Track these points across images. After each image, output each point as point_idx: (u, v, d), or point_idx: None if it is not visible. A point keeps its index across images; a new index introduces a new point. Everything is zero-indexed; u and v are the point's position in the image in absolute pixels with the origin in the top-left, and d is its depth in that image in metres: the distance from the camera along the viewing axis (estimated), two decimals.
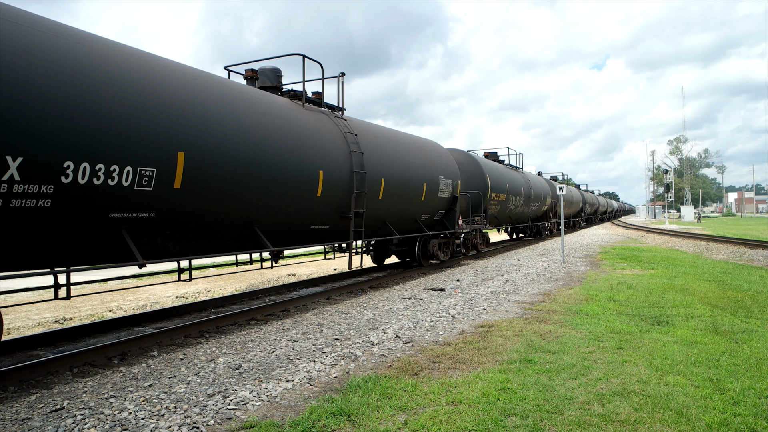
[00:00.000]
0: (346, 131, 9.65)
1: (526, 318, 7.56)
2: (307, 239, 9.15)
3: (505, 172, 20.52)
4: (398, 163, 11.25)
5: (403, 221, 12.07)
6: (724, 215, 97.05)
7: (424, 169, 12.41)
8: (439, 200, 13.25)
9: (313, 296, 9.72)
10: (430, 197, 12.67)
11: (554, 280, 11.69)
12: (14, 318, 9.04)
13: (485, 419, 3.96)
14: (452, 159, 14.70)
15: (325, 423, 3.96)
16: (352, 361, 5.66)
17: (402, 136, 12.44)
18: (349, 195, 9.39)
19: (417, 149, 12.61)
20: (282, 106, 8.36)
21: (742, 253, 17.17)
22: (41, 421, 4.12)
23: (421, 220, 12.80)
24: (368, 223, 10.26)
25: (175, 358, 5.94)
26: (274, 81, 9.39)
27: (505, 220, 21.56)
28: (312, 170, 8.38)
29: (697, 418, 3.92)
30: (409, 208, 12.00)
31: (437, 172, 13.07)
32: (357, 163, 9.58)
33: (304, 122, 8.62)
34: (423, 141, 13.68)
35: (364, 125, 10.92)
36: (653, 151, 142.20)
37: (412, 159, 11.95)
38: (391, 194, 10.80)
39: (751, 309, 7.87)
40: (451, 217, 14.15)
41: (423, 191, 12.25)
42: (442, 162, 13.74)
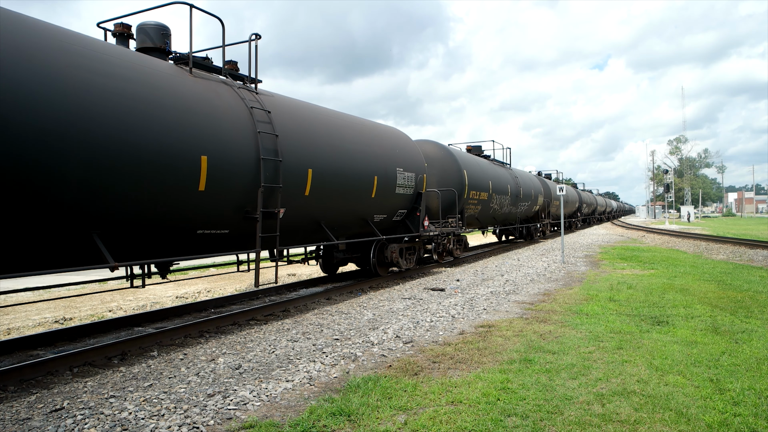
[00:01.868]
0: (254, 106, 7.50)
1: (526, 318, 7.56)
2: (192, 248, 7.05)
3: (488, 168, 18.30)
4: (335, 150, 9.11)
5: (349, 223, 10.21)
6: (724, 215, 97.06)
7: (376, 159, 10.42)
8: (397, 198, 11.32)
9: (313, 296, 9.72)
10: (384, 194, 10.72)
11: (554, 280, 11.69)
12: (14, 318, 9.04)
13: (485, 419, 3.96)
14: (417, 150, 12.60)
15: (325, 423, 3.96)
16: (352, 361, 5.66)
17: (344, 119, 10.30)
18: (255, 189, 7.29)
19: (366, 136, 10.54)
20: (156, 72, 6.31)
21: (742, 253, 17.17)
22: (41, 421, 4.12)
23: (375, 222, 10.88)
24: (291, 225, 8.41)
25: (175, 358, 5.94)
26: (158, 41, 7.26)
27: (489, 221, 19.33)
28: (189, 155, 6.28)
29: (697, 418, 3.92)
30: (356, 207, 10.06)
31: (394, 163, 11.08)
32: (268, 147, 7.47)
33: (185, 93, 6.53)
34: (377, 126, 11.58)
35: (286, 102, 8.72)
36: (653, 151, 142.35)
37: (357, 147, 9.90)
38: (324, 189, 8.76)
39: (751, 309, 7.87)
40: (415, 217, 12.16)
41: (373, 186, 10.26)
42: (403, 152, 11.70)
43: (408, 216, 12.18)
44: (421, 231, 12.29)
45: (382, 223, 11.29)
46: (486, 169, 17.84)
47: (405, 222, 12.23)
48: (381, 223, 11.24)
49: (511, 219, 22.05)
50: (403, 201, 11.68)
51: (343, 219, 9.91)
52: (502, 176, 19.59)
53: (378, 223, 11.06)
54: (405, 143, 12.15)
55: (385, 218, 11.26)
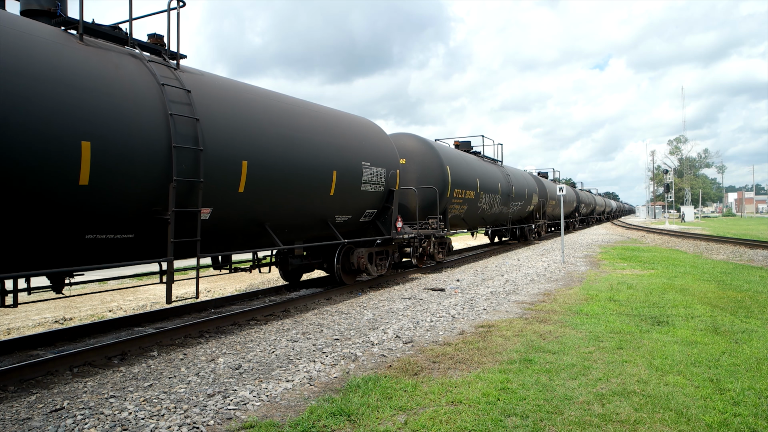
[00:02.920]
0: (167, 84, 6.23)
1: (526, 318, 7.56)
2: (84, 256, 5.84)
3: (476, 164, 16.97)
4: (282, 139, 7.80)
5: (304, 225, 8.93)
6: (724, 215, 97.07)
7: (336, 151, 9.14)
8: (364, 196, 10.05)
9: (313, 296, 9.72)
10: (346, 192, 9.46)
11: (554, 280, 11.69)
12: (14, 318, 9.05)
13: (485, 419, 3.96)
14: (389, 143, 11.29)
15: (325, 423, 3.96)
16: (352, 361, 5.66)
17: (297, 104, 8.87)
18: (166, 184, 6.03)
19: (324, 124, 9.16)
20: (29, 37, 5.12)
21: (742, 253, 17.17)
22: (41, 421, 4.12)
23: (337, 224, 9.65)
24: (224, 228, 7.22)
25: (175, 358, 5.94)
26: (46, 3, 6.11)
27: (476, 222, 17.90)
28: (65, 140, 5.09)
29: (697, 418, 3.92)
30: (311, 207, 8.74)
31: (359, 156, 9.81)
32: (184, 133, 6.23)
33: (67, 63, 5.32)
34: (340, 115, 10.21)
35: (217, 82, 7.37)
36: (653, 151, 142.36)
37: (311, 136, 8.56)
38: (265, 185, 7.50)
39: (751, 309, 7.87)
40: (387, 218, 10.88)
41: (332, 183, 8.98)
42: (371, 145, 10.39)
43: (379, 217, 10.92)
44: (394, 233, 11.05)
45: (346, 225, 10.06)
46: (474, 166, 16.58)
47: (375, 223, 10.95)
48: (345, 225, 10.00)
49: (502, 219, 20.71)
50: (372, 200, 10.38)
51: (296, 220, 8.64)
52: (492, 174, 18.32)
53: (341, 224, 9.82)
54: (375, 135, 10.80)
55: (349, 219, 10.02)
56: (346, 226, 10.05)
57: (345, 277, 10.49)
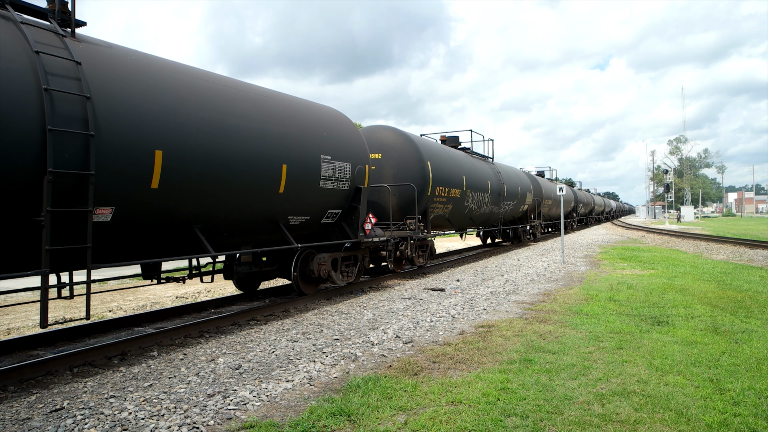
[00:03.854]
0: (43, 51, 5.03)
1: (526, 318, 7.56)
2: None
3: (462, 161, 15.69)
4: (210, 126, 6.56)
5: (247, 228, 7.66)
6: (724, 215, 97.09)
7: (286, 142, 7.86)
8: (324, 194, 8.82)
9: (313, 296, 9.72)
10: (301, 189, 8.20)
11: (554, 280, 11.69)
12: (14, 318, 9.05)
13: (485, 419, 3.96)
14: (357, 135, 10.06)
15: (325, 423, 3.96)
16: (352, 361, 5.67)
17: (234, 86, 7.49)
18: (39, 178, 4.88)
19: (270, 111, 7.84)
20: None
21: (742, 253, 17.17)
22: (41, 421, 4.12)
23: (291, 226, 8.42)
24: (135, 232, 6.02)
25: (175, 358, 5.94)
26: None
27: (464, 222, 16.66)
28: None
29: (697, 418, 3.92)
30: (254, 207, 7.50)
31: (317, 149, 8.56)
32: (67, 114, 5.07)
33: None
34: (295, 101, 8.84)
35: (120, 54, 6.04)
36: (653, 151, 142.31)
37: (251, 123, 7.28)
38: (189, 181, 6.30)
39: (751, 309, 7.87)
40: (354, 219, 9.70)
41: (281, 178, 7.71)
42: (333, 136, 9.14)
43: (345, 218, 9.74)
44: (361, 236, 9.81)
45: (304, 228, 8.85)
46: (459, 162, 15.35)
47: (341, 225, 9.75)
48: (303, 228, 8.81)
49: (493, 220, 19.38)
50: (335, 198, 9.17)
51: (236, 223, 7.39)
52: (480, 171, 17.07)
53: (297, 227, 8.61)
54: (338, 125, 9.57)
55: (307, 221, 8.79)
56: (304, 228, 8.86)
57: (304, 286, 9.32)
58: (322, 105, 9.78)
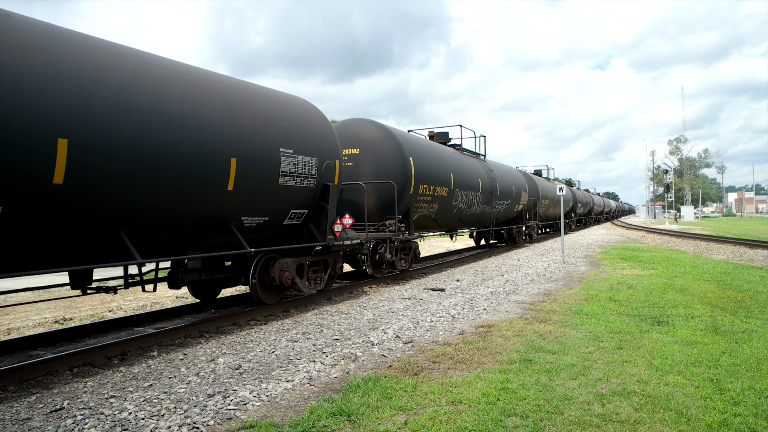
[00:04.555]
0: None
1: (526, 318, 7.57)
2: None
3: (450, 157, 14.69)
4: (132, 111, 5.58)
5: (190, 231, 6.75)
6: (724, 215, 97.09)
7: (235, 132, 6.88)
8: (284, 192, 7.84)
9: (313, 296, 9.72)
10: (255, 186, 7.28)
11: (554, 280, 11.69)
12: (14, 318, 9.05)
13: (485, 419, 3.96)
14: (325, 126, 9.04)
15: (325, 423, 3.96)
16: (352, 361, 5.67)
17: (166, 65, 6.44)
18: None
19: (214, 95, 6.81)
20: None
21: (742, 253, 17.18)
22: (41, 421, 4.12)
23: (245, 228, 7.47)
24: (35, 235, 5.16)
25: (175, 358, 5.94)
26: None
27: (453, 223, 15.67)
28: None
29: (697, 418, 3.92)
30: (197, 206, 6.55)
31: (276, 141, 7.59)
32: None
33: None
34: (245, 86, 7.76)
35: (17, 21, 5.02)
36: (653, 151, 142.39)
37: (188, 110, 6.28)
38: (106, 176, 5.40)
39: (751, 309, 7.87)
40: (322, 220, 8.81)
41: (230, 174, 6.78)
42: (297, 127, 8.14)
43: (312, 218, 8.83)
44: (330, 239, 8.90)
45: (263, 230, 7.95)
46: (446, 159, 14.38)
47: (308, 227, 8.82)
48: (261, 230, 7.90)
49: (485, 220, 18.32)
50: (299, 197, 8.23)
51: (174, 225, 6.45)
52: (470, 168, 16.08)
53: (253, 229, 7.69)
54: (303, 115, 8.55)
55: (266, 222, 7.85)
56: (262, 230, 7.96)
57: (264, 295, 8.33)
58: (285, 93, 8.79)
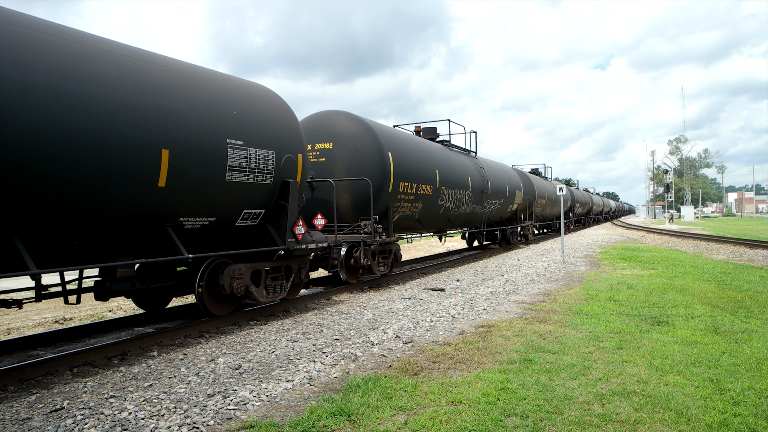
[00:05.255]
0: None
1: (526, 318, 7.57)
2: None
3: (436, 153, 13.79)
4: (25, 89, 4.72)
5: (114, 233, 5.85)
6: (724, 215, 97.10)
7: (168, 118, 5.98)
8: (233, 189, 6.92)
9: (313, 296, 9.72)
10: (195, 182, 6.35)
11: (554, 280, 11.69)
12: (14, 318, 9.05)
13: (485, 419, 3.96)
14: (286, 116, 8.04)
15: (325, 423, 3.96)
16: (352, 361, 5.67)
17: (72, 36, 5.42)
18: None
19: (140, 76, 5.85)
20: None
21: (742, 253, 17.17)
22: (41, 421, 4.12)
23: (186, 230, 6.60)
24: None
25: (175, 358, 5.94)
26: None
27: (440, 223, 14.74)
28: None
29: (697, 418, 3.92)
30: (120, 205, 5.65)
31: (222, 131, 6.66)
32: None
33: None
34: (187, 68, 6.79)
35: None
36: (653, 151, 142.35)
37: (105, 91, 5.34)
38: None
39: (751, 309, 7.87)
40: (282, 221, 7.85)
41: (160, 168, 5.86)
42: (249, 116, 7.20)
43: (271, 219, 7.87)
44: (291, 243, 7.89)
45: (209, 232, 7.04)
46: (432, 155, 13.42)
47: (266, 228, 7.85)
48: (206, 232, 6.99)
49: (476, 221, 17.38)
50: (252, 195, 7.32)
51: (90, 228, 5.55)
52: (459, 166, 15.17)
53: (196, 231, 6.79)
54: (258, 103, 7.58)
55: (212, 223, 6.93)
56: (209, 233, 7.08)
57: (213, 306, 7.38)
58: (238, 78, 7.82)
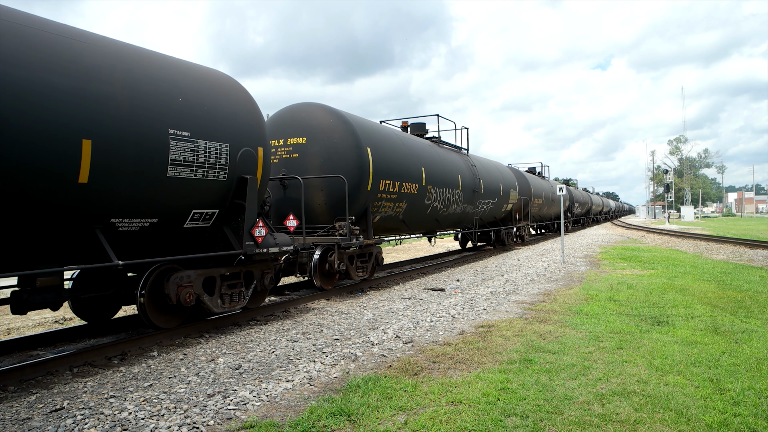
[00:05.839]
0: None
1: (526, 318, 7.56)
2: None
3: (422, 150, 13.02)
4: None
5: (30, 237, 5.15)
6: (724, 215, 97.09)
7: (92, 104, 5.19)
8: (177, 186, 6.12)
9: (313, 296, 9.72)
10: (129, 177, 5.56)
11: (554, 280, 11.69)
12: (14, 318, 9.05)
13: (485, 419, 3.96)
14: (245, 104, 7.23)
15: (325, 423, 3.96)
16: (352, 361, 5.67)
17: None
18: None
19: (57, 53, 5.04)
20: None
21: (742, 253, 17.17)
22: (41, 421, 4.12)
23: (121, 232, 5.83)
24: None
25: (175, 358, 5.94)
26: None
27: (427, 224, 13.89)
28: None
29: (697, 418, 3.92)
30: (28, 204, 4.89)
31: (164, 120, 5.89)
32: None
33: None
34: (121, 46, 5.93)
35: None
36: (653, 151, 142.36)
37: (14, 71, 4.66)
38: None
39: (751, 309, 7.87)
40: (239, 223, 7.07)
41: (81, 161, 5.09)
42: (200, 103, 6.42)
43: (228, 220, 7.10)
44: (249, 246, 7.12)
45: (151, 235, 6.22)
46: (418, 152, 12.59)
47: (222, 230, 7.06)
48: (147, 235, 6.17)
49: (467, 221, 16.52)
50: (203, 193, 6.52)
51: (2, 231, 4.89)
52: (448, 163, 14.39)
53: (134, 234, 5.98)
54: (210, 90, 6.76)
55: (153, 225, 6.12)
56: (152, 236, 6.26)
57: (157, 317, 6.52)
58: (189, 62, 6.94)
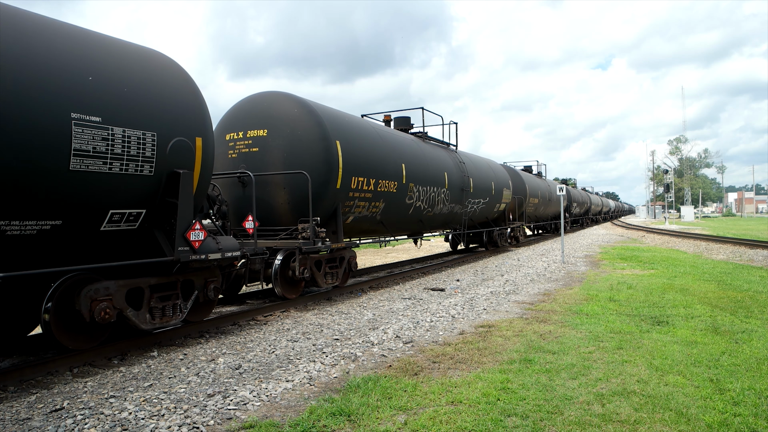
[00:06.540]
0: None
1: (526, 318, 7.56)
2: None
3: (403, 144, 12.07)
4: None
5: None
6: (724, 215, 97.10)
7: None
8: (89, 182, 5.17)
9: (313, 296, 9.72)
10: (15, 172, 4.62)
11: (554, 280, 11.69)
12: None
13: (485, 419, 3.96)
14: (178, 85, 6.26)
15: (325, 423, 3.96)
16: (352, 361, 5.67)
17: None
18: None
19: None
20: None
21: (742, 253, 17.17)
22: (41, 421, 4.12)
23: (9, 237, 4.83)
24: None
25: (175, 358, 5.94)
26: None
27: (410, 225, 12.87)
28: None
29: (697, 418, 3.92)
30: None
31: (66, 102, 4.90)
32: None
33: None
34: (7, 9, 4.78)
35: None
36: (653, 151, 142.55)
37: None
38: None
39: (751, 309, 7.87)
40: (172, 225, 6.11)
41: None
42: (116, 83, 5.44)
43: (159, 222, 6.16)
44: (184, 252, 6.15)
45: (54, 241, 5.29)
46: (397, 147, 11.65)
47: (154, 235, 6.13)
48: (49, 241, 5.24)
49: (455, 222, 15.53)
50: (122, 191, 5.55)
51: None
52: (433, 160, 13.40)
53: (29, 239, 5.02)
54: (134, 67, 5.80)
55: (57, 228, 5.19)
56: (57, 242, 5.33)
57: (66, 338, 5.58)
58: (109, 36, 5.92)
